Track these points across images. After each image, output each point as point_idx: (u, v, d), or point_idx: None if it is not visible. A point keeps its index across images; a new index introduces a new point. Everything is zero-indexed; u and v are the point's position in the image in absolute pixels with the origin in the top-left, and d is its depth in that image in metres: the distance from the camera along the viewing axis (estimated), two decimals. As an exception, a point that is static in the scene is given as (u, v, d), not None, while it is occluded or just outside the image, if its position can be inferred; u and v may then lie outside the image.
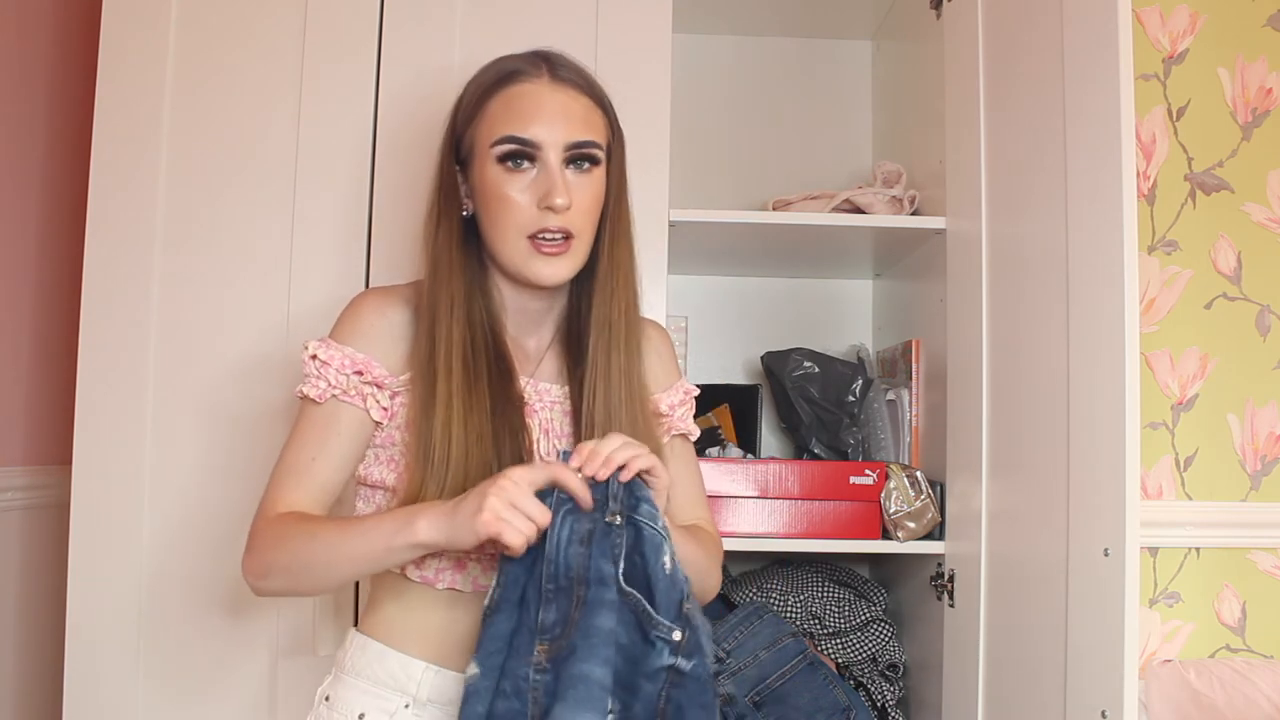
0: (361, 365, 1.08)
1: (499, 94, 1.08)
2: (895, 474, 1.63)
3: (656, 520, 0.97)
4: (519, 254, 1.07)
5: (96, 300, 1.53)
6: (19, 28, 1.77)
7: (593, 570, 0.94)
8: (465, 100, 1.12)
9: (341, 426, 1.08)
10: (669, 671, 0.94)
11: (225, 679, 1.51)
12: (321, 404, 1.07)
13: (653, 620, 0.94)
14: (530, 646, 0.93)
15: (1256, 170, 1.88)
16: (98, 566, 1.50)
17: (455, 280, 1.09)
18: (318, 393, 1.07)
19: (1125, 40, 1.09)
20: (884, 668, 1.72)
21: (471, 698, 0.94)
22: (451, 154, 1.12)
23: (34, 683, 1.79)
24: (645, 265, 1.56)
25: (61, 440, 1.61)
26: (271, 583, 1.05)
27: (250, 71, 1.57)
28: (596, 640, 0.91)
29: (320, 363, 1.08)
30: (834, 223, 1.67)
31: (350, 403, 1.08)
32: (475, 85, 1.12)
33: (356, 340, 1.09)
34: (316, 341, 1.09)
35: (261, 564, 1.04)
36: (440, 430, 1.03)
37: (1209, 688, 1.71)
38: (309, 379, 1.08)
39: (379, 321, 1.09)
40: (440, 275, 1.09)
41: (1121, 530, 1.06)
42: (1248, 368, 1.86)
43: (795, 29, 2.09)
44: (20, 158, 1.78)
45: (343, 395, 1.07)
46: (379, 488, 1.11)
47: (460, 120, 1.12)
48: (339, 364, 1.07)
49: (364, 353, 1.08)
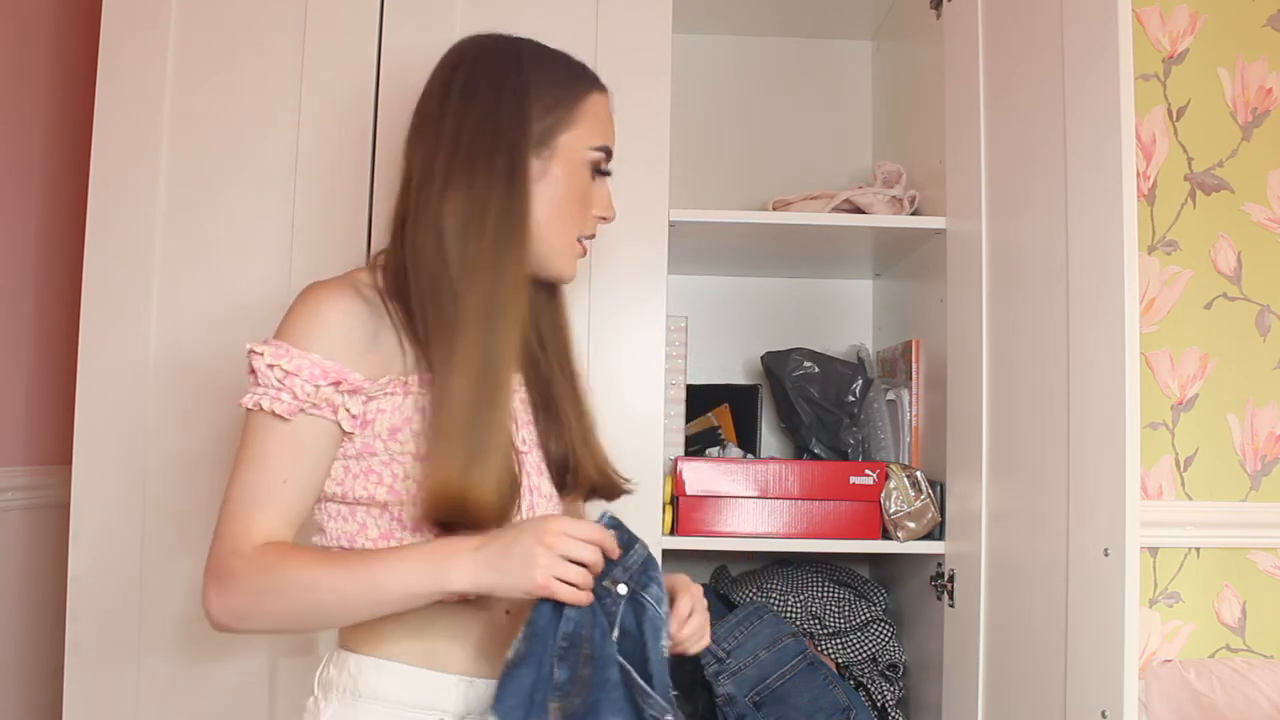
0: (336, 373, 0.97)
1: (590, 98, 1.10)
2: (895, 474, 1.63)
3: (661, 604, 0.97)
4: (567, 251, 1.10)
5: (96, 300, 1.53)
6: (18, 28, 1.77)
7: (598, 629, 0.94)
8: (546, 86, 1.07)
9: (312, 443, 0.98)
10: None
11: (225, 679, 1.51)
12: (290, 420, 0.96)
13: (649, 698, 0.92)
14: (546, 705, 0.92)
15: (1256, 170, 1.88)
16: (98, 566, 1.50)
17: (524, 256, 1.03)
18: (285, 407, 0.96)
19: (1125, 40, 1.09)
20: (884, 668, 1.72)
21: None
22: (530, 142, 1.05)
23: (34, 683, 1.79)
24: (645, 265, 1.56)
25: (61, 440, 1.61)
26: (249, 625, 0.97)
27: (250, 71, 1.57)
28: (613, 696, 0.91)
29: (283, 373, 0.96)
30: (834, 223, 1.67)
31: (320, 415, 0.97)
32: (554, 76, 1.09)
33: (323, 344, 0.97)
34: (271, 347, 0.97)
35: (242, 607, 0.94)
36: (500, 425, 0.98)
37: (1209, 688, 1.71)
38: (267, 390, 0.96)
39: (347, 322, 0.99)
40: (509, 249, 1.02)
41: (1121, 530, 1.06)
42: (1248, 368, 1.86)
43: (795, 29, 2.09)
44: (20, 158, 1.78)
45: (312, 408, 0.97)
46: (363, 504, 1.01)
47: (542, 104, 1.06)
48: (309, 374, 0.96)
49: (332, 359, 0.97)
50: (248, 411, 0.99)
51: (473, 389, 0.97)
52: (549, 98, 1.07)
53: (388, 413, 1.00)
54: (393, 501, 1.00)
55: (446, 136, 1.04)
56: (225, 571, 0.95)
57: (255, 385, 0.98)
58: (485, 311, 0.99)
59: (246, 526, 0.96)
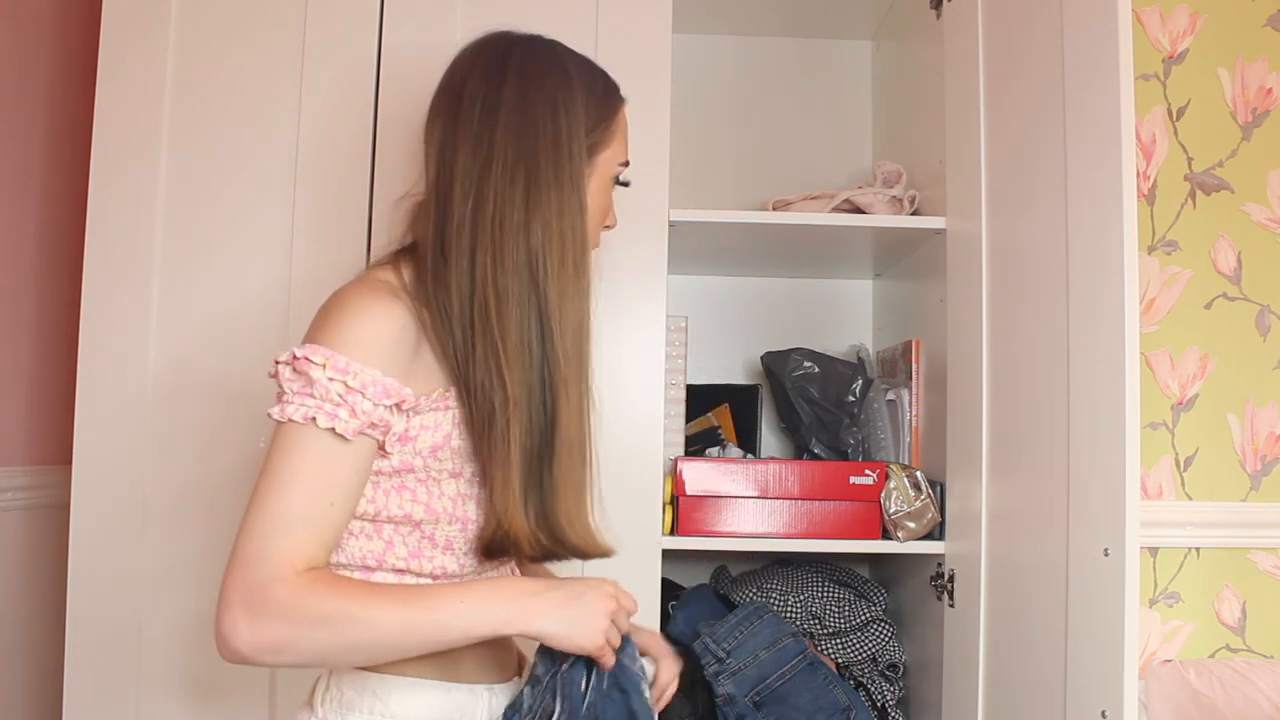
0: (397, 394, 0.90)
1: (621, 113, 1.09)
2: (895, 474, 1.63)
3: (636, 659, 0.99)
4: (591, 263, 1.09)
5: (96, 300, 1.53)
6: (19, 28, 1.77)
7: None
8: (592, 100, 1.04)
9: (363, 465, 0.91)
10: None
11: (225, 679, 1.51)
12: (350, 441, 0.89)
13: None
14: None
15: (1256, 170, 1.88)
16: (98, 566, 1.50)
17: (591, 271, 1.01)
18: (346, 427, 0.88)
19: (1125, 40, 1.09)
20: (884, 668, 1.72)
21: None
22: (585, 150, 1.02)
23: (34, 683, 1.79)
24: (645, 265, 1.56)
25: (61, 440, 1.61)
26: (283, 658, 0.86)
27: (250, 70, 1.57)
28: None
29: (346, 388, 0.88)
30: (834, 223, 1.67)
31: (373, 437, 0.91)
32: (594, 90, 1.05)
33: (381, 358, 0.90)
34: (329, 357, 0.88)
35: (283, 639, 0.84)
36: (590, 431, 0.98)
37: (1209, 688, 1.71)
38: (323, 405, 0.88)
39: (401, 336, 0.92)
40: (586, 263, 0.99)
41: (1121, 530, 1.06)
42: (1248, 368, 1.86)
43: (795, 29, 2.09)
44: (20, 158, 1.78)
45: (369, 429, 0.90)
46: (394, 522, 0.97)
47: (589, 119, 1.03)
48: (374, 392, 0.89)
49: (390, 375, 0.90)
50: (290, 423, 0.89)
51: (578, 421, 0.95)
52: (594, 114, 1.04)
53: (430, 429, 0.95)
54: (427, 520, 0.97)
55: (505, 148, 0.97)
56: (263, 600, 0.84)
57: (307, 396, 0.88)
58: (577, 342, 0.97)
59: (289, 551, 0.86)
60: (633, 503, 1.52)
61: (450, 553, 0.99)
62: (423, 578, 0.99)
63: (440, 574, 0.99)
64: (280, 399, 0.91)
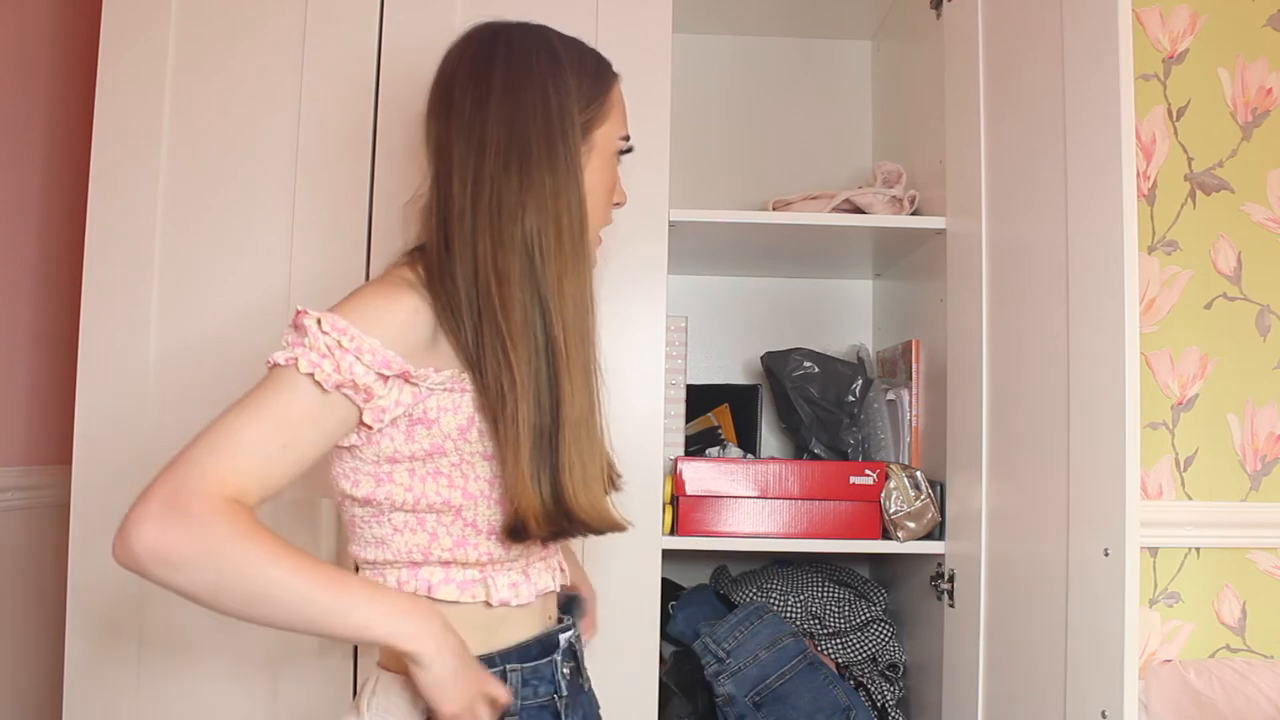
0: (398, 367, 0.92)
1: (615, 88, 1.10)
2: (895, 474, 1.63)
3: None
4: (595, 243, 1.09)
5: (96, 299, 1.53)
6: (19, 28, 1.77)
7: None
8: (583, 79, 1.05)
9: (332, 424, 0.91)
10: None
11: (225, 679, 1.51)
12: (327, 392, 0.89)
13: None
14: None
15: (1256, 170, 1.88)
16: (98, 566, 1.50)
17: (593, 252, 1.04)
18: (326, 377, 0.89)
19: (1125, 40, 1.09)
20: (884, 668, 1.72)
21: None
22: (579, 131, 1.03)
23: (34, 682, 1.79)
24: (645, 265, 1.56)
25: (61, 440, 1.61)
26: (171, 578, 0.83)
27: (250, 69, 1.57)
28: None
29: (338, 345, 0.89)
30: (834, 223, 1.67)
31: (352, 400, 0.91)
32: (585, 67, 1.07)
33: (388, 333, 0.92)
34: (331, 316, 0.90)
35: (180, 555, 0.82)
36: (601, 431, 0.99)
37: (1209, 688, 1.71)
38: (309, 353, 0.89)
39: (415, 319, 0.94)
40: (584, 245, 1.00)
41: (1121, 530, 1.06)
42: (1248, 368, 1.86)
43: (795, 29, 2.09)
44: (20, 157, 1.78)
45: (351, 390, 0.90)
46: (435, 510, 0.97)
47: (583, 97, 1.04)
48: (369, 359, 0.90)
49: (394, 350, 0.92)
50: (274, 366, 0.90)
51: (584, 397, 0.96)
52: (587, 91, 1.05)
53: (450, 411, 0.95)
54: (467, 505, 0.97)
55: (497, 136, 0.98)
56: (178, 507, 0.82)
57: (297, 344, 0.90)
58: (579, 319, 0.97)
59: (226, 473, 0.85)
60: (633, 503, 1.52)
61: (494, 538, 0.99)
62: (469, 568, 0.99)
63: (488, 561, 1.00)
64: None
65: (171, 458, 0.87)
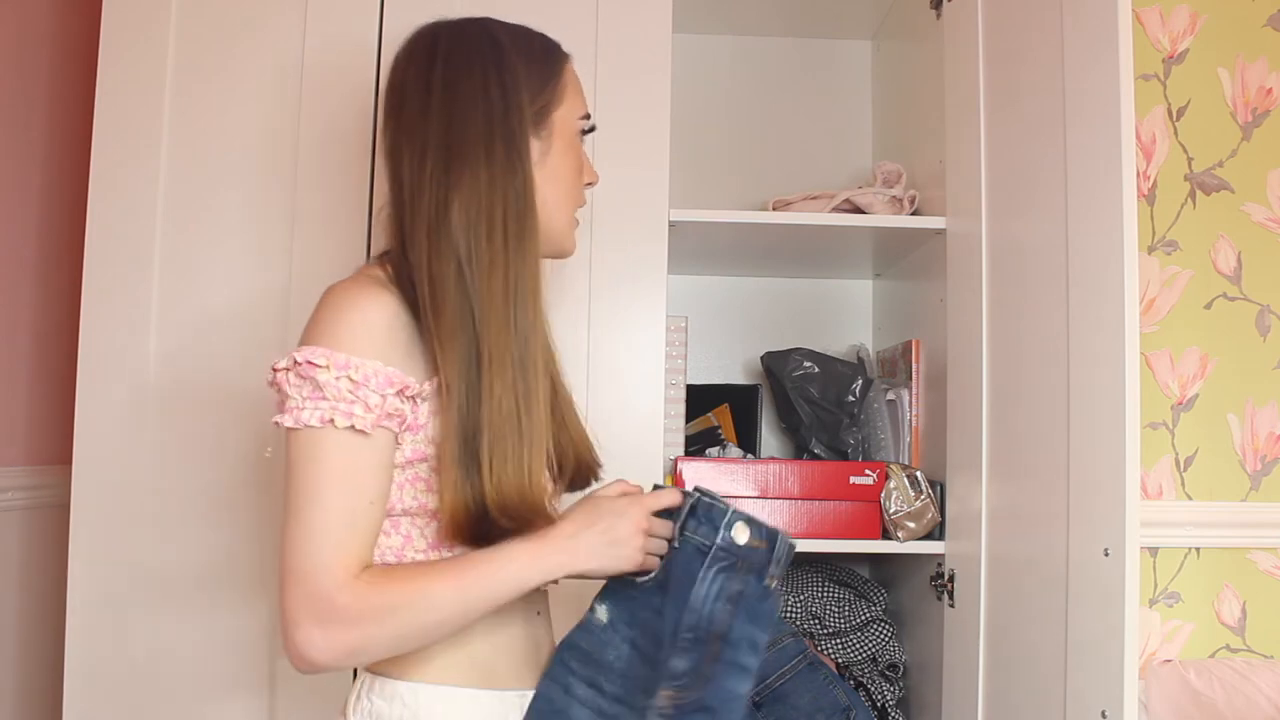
0: (400, 381, 0.91)
1: (567, 68, 1.08)
2: (895, 474, 1.63)
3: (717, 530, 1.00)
4: (568, 227, 1.09)
5: (96, 300, 1.53)
6: (19, 28, 1.77)
7: (736, 631, 0.95)
8: (530, 64, 1.04)
9: (389, 457, 0.93)
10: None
11: (225, 679, 1.51)
12: (370, 435, 0.89)
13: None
14: (653, 682, 0.95)
15: (1256, 170, 1.88)
16: (98, 566, 1.50)
17: (536, 247, 1.00)
18: (363, 422, 0.88)
19: (1125, 40, 1.09)
20: (884, 668, 1.72)
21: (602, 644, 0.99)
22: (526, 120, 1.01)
23: (34, 682, 1.79)
24: (645, 265, 1.56)
25: (61, 440, 1.61)
26: (362, 658, 0.90)
27: (250, 69, 1.57)
28: (735, 707, 0.94)
29: (352, 383, 0.88)
30: (834, 223, 1.67)
31: (389, 428, 0.91)
32: (532, 52, 1.05)
33: (378, 348, 0.91)
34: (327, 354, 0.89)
35: (359, 642, 0.87)
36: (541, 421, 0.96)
37: (1209, 688, 1.71)
38: (337, 404, 0.88)
39: (394, 323, 0.93)
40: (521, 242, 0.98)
41: (1121, 530, 1.06)
42: (1248, 368, 1.86)
43: (795, 29, 2.09)
44: (20, 157, 1.78)
45: (385, 420, 0.91)
46: (410, 514, 0.97)
47: (532, 84, 1.03)
48: (377, 383, 0.89)
49: (390, 364, 0.91)
50: (308, 429, 0.89)
51: (510, 394, 0.94)
52: (537, 76, 1.04)
53: (435, 416, 0.95)
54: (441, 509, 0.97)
55: (435, 136, 0.98)
56: (330, 610, 0.86)
57: (319, 399, 0.89)
58: (511, 312, 0.95)
59: (342, 558, 0.88)
60: (633, 503, 1.52)
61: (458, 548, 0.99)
62: None
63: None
64: (284, 406, 0.91)
65: (281, 570, 0.89)
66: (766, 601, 0.97)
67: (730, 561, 0.98)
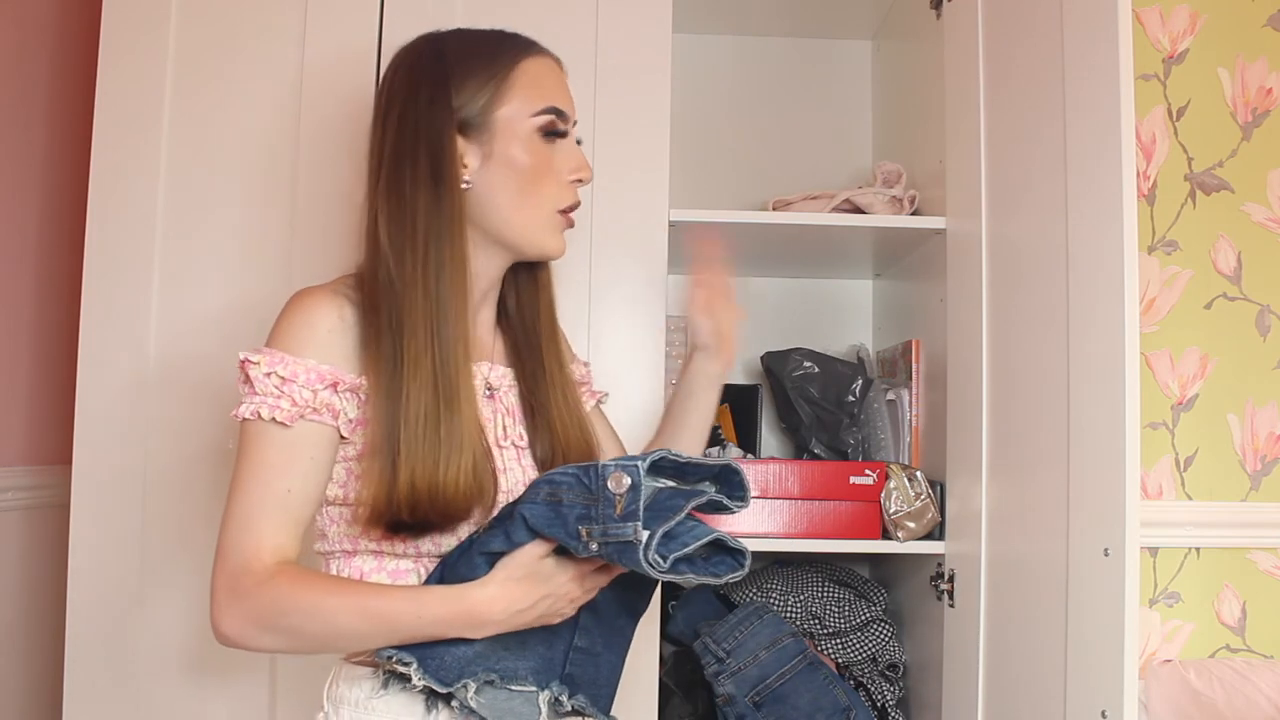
0: (333, 376, 0.98)
1: (524, 65, 1.06)
2: (895, 474, 1.63)
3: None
4: (547, 226, 1.07)
5: (96, 300, 1.53)
6: (19, 29, 1.77)
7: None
8: (466, 69, 1.05)
9: (313, 450, 0.98)
10: None
11: (225, 679, 1.51)
12: (290, 427, 0.96)
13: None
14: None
15: (1256, 170, 1.88)
16: (98, 566, 1.50)
17: (459, 255, 1.01)
18: (285, 414, 0.95)
19: (1125, 40, 1.09)
20: (884, 668, 1.72)
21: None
22: (453, 125, 1.03)
23: (34, 682, 1.79)
24: (645, 265, 1.57)
25: (61, 440, 1.61)
26: (257, 645, 0.96)
27: (250, 70, 1.57)
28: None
29: (280, 379, 0.96)
30: (834, 223, 1.67)
31: (320, 421, 0.97)
32: (476, 56, 1.06)
33: (316, 349, 0.98)
34: (265, 354, 0.97)
35: (253, 629, 0.94)
36: (462, 424, 0.98)
37: (1209, 688, 1.71)
38: (265, 399, 0.96)
39: (339, 325, 0.99)
40: (440, 251, 1.01)
41: (1121, 530, 1.06)
42: (1248, 368, 1.86)
43: (795, 29, 2.09)
44: (20, 158, 1.78)
45: (312, 414, 0.97)
46: (341, 504, 1.02)
47: (466, 89, 1.04)
48: (304, 379, 0.96)
49: (327, 362, 0.98)
50: (244, 421, 0.98)
51: (428, 392, 0.97)
52: (475, 79, 1.04)
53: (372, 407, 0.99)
54: (365, 493, 1.00)
55: (377, 151, 1.04)
56: (238, 589, 0.94)
57: (252, 394, 0.97)
58: (429, 320, 0.99)
59: (256, 541, 0.95)
60: (633, 503, 1.52)
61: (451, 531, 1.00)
62: (402, 559, 1.02)
63: (415, 554, 1.01)
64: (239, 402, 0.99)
65: (216, 546, 0.97)
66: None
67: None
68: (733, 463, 1.00)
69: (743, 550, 0.97)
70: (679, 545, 0.91)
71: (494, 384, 1.10)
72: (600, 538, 0.91)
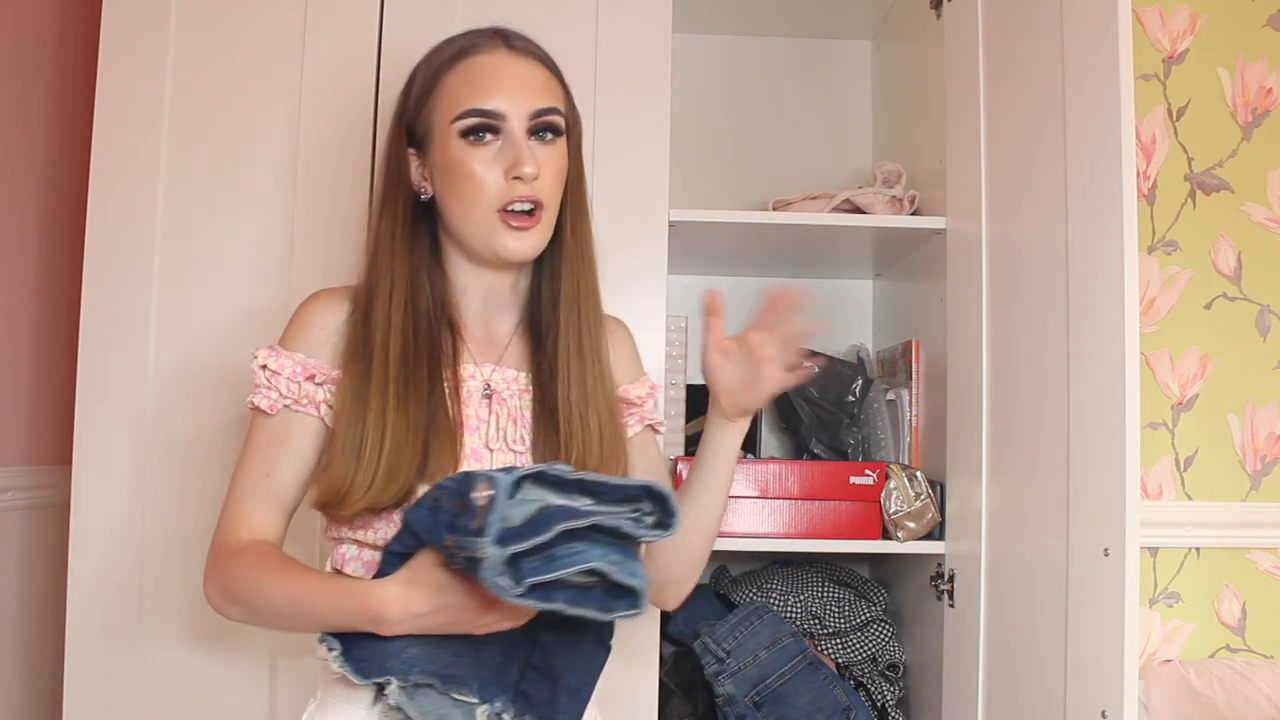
0: (313, 369, 1.04)
1: (455, 68, 1.06)
2: (895, 474, 1.63)
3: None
4: (489, 229, 1.04)
5: (96, 300, 1.53)
6: (19, 30, 1.77)
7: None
8: (417, 81, 1.09)
9: (294, 438, 1.04)
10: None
11: (225, 679, 1.51)
12: (273, 415, 1.04)
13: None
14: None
15: (1256, 170, 1.88)
16: (98, 566, 1.50)
17: (399, 263, 1.06)
18: (269, 404, 1.04)
19: (1125, 40, 1.09)
20: (884, 668, 1.72)
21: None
22: (402, 138, 1.09)
23: (34, 682, 1.79)
24: (645, 265, 1.56)
25: (61, 440, 1.61)
26: (230, 613, 1.03)
27: (250, 71, 1.57)
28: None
29: (270, 372, 1.04)
30: (834, 223, 1.67)
31: (303, 412, 1.04)
32: (427, 64, 1.09)
33: (307, 344, 1.05)
34: (266, 350, 1.05)
35: (222, 598, 1.02)
36: (374, 420, 0.99)
37: (1209, 688, 1.71)
38: (259, 390, 1.04)
39: (329, 321, 1.06)
40: (382, 259, 1.06)
41: (1121, 530, 1.06)
42: (1248, 368, 1.86)
43: (795, 29, 2.09)
44: (20, 158, 1.78)
45: (295, 405, 1.04)
46: None
47: (413, 101, 1.09)
48: (290, 372, 1.04)
49: (315, 356, 1.05)
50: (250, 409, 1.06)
51: (351, 387, 1.02)
52: (419, 88, 1.09)
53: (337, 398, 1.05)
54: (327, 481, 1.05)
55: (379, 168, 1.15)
56: (214, 561, 1.03)
57: (254, 386, 1.05)
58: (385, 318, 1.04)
59: (236, 520, 1.04)
60: (633, 503, 1.52)
61: (393, 523, 1.01)
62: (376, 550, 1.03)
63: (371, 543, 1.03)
64: None
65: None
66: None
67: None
68: (654, 484, 0.89)
69: (632, 588, 0.86)
70: (548, 569, 0.82)
71: (495, 386, 1.08)
72: (458, 549, 0.84)
